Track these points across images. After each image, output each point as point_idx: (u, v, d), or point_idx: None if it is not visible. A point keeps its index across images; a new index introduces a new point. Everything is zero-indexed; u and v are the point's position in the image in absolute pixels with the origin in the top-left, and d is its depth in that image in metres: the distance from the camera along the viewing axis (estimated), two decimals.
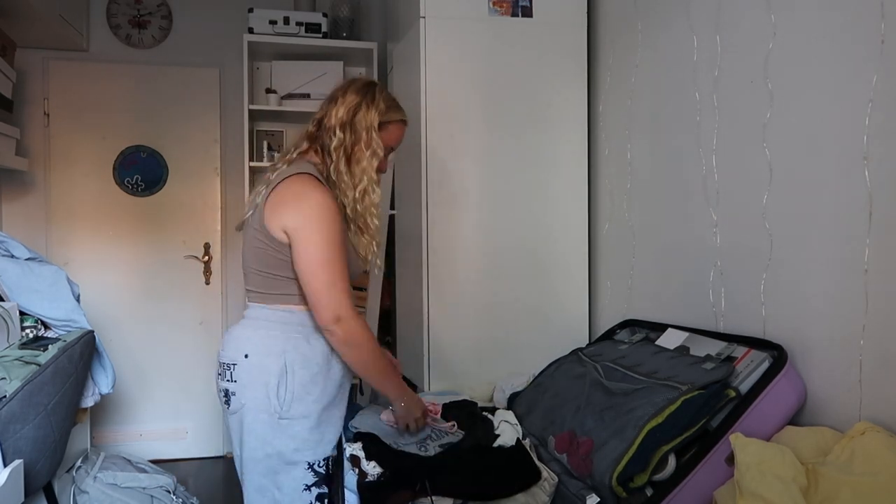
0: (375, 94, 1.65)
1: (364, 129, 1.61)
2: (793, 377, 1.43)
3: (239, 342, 1.59)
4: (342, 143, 1.60)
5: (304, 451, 1.55)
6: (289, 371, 1.54)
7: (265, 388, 1.54)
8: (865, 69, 1.31)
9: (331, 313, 1.50)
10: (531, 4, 2.38)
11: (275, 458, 1.55)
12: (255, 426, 1.56)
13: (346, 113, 1.61)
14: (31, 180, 3.54)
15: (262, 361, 1.55)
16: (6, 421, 1.81)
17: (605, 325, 2.31)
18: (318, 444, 1.57)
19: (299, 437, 1.55)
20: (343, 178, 1.60)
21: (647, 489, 1.37)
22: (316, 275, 1.50)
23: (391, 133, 1.68)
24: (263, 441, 1.55)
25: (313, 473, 1.57)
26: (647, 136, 2.15)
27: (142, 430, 3.67)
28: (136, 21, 3.67)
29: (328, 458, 1.59)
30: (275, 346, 1.56)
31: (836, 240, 1.39)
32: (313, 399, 1.56)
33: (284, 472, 1.56)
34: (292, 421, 1.54)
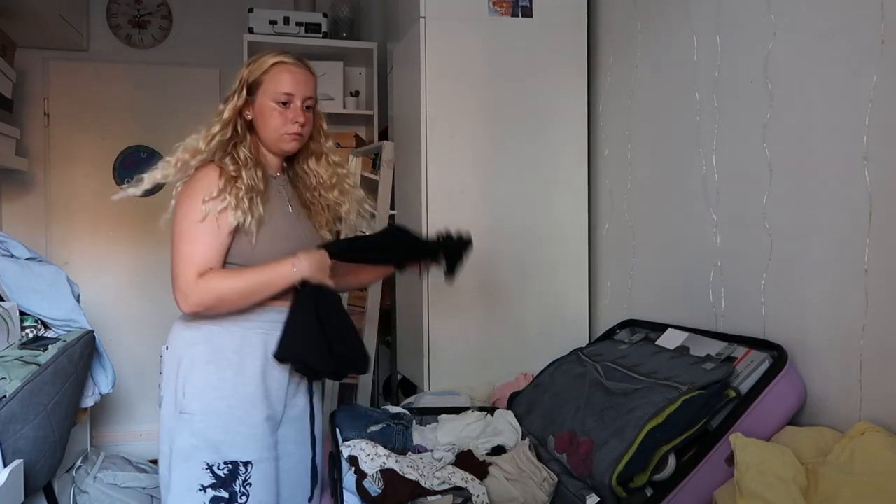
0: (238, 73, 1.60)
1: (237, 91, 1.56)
2: (793, 377, 1.43)
3: (169, 335, 1.58)
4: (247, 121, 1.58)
5: (203, 449, 1.46)
6: (195, 363, 1.50)
7: (174, 381, 1.51)
8: (865, 69, 1.30)
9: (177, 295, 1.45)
10: (531, 4, 2.38)
11: (175, 452, 1.49)
12: (165, 419, 1.53)
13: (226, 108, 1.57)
14: (31, 180, 3.54)
15: (176, 353, 1.53)
16: (6, 421, 1.81)
17: (605, 325, 2.31)
18: (222, 444, 1.47)
19: (199, 434, 1.47)
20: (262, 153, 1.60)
21: (647, 489, 1.37)
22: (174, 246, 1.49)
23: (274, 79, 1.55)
24: (169, 435, 1.51)
25: (211, 474, 1.46)
26: (647, 136, 2.15)
27: (142, 430, 3.66)
28: (136, 21, 3.67)
29: (234, 461, 1.47)
30: (188, 337, 1.52)
31: (836, 240, 1.39)
32: (218, 395, 1.48)
33: (179, 469, 1.48)
34: (193, 416, 1.47)
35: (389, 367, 3.40)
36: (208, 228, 1.47)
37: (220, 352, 1.50)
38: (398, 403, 2.36)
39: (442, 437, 1.80)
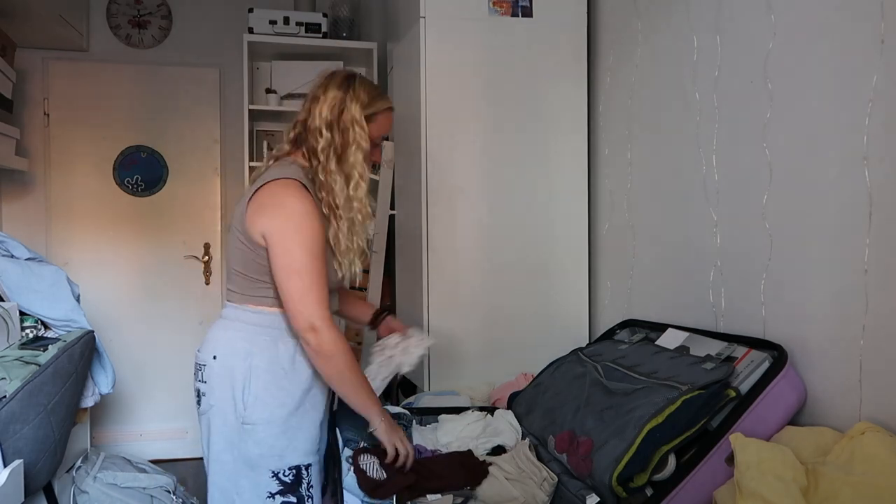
0: (356, 86, 1.58)
1: (350, 125, 1.55)
2: (793, 377, 1.43)
3: (210, 343, 1.57)
4: (330, 143, 1.55)
5: (268, 457, 1.50)
6: (253, 374, 1.51)
7: (231, 391, 1.51)
8: (865, 69, 1.30)
9: (304, 322, 1.46)
10: (531, 4, 2.38)
11: (240, 461, 1.51)
12: (222, 428, 1.53)
13: (329, 111, 1.55)
14: (31, 180, 3.54)
15: (228, 363, 1.52)
16: (6, 421, 1.81)
17: (605, 325, 2.31)
18: (285, 451, 1.51)
19: (264, 444, 1.50)
20: (334, 178, 1.54)
21: (647, 489, 1.37)
22: (292, 281, 1.46)
23: (379, 123, 1.61)
24: (230, 444, 1.52)
25: (278, 482, 1.51)
26: (647, 136, 2.15)
27: (142, 430, 3.67)
28: (136, 21, 3.67)
29: (297, 466, 1.53)
30: (241, 347, 1.53)
31: (836, 240, 1.39)
32: (278, 404, 1.51)
33: (246, 478, 1.51)
34: (255, 426, 1.50)
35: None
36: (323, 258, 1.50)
37: (276, 362, 1.53)
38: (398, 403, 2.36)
39: (442, 437, 1.80)
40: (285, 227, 1.47)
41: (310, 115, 1.58)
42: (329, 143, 1.55)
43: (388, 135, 3.18)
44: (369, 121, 1.58)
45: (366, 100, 1.57)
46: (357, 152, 1.56)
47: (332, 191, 1.54)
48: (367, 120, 1.57)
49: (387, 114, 1.63)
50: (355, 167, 1.56)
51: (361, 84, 1.60)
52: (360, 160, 1.56)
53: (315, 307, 1.45)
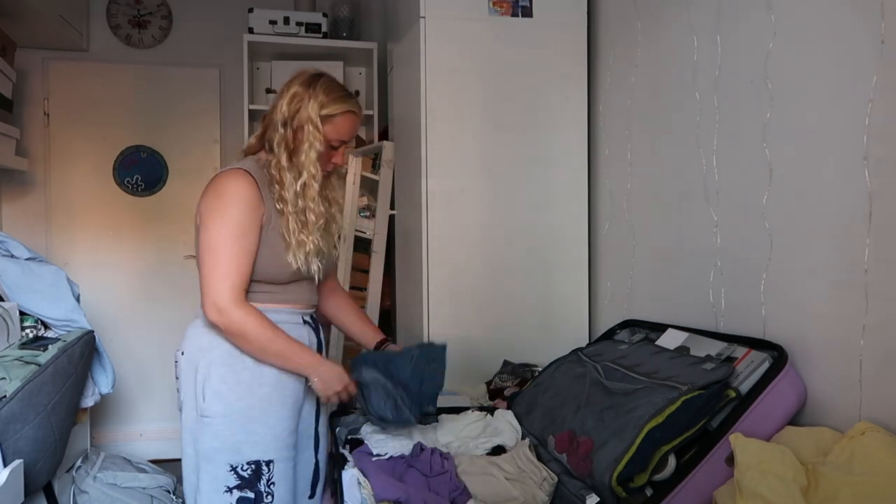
0: (317, 86, 1.56)
1: (304, 123, 1.54)
2: (793, 378, 1.43)
3: (183, 340, 1.60)
4: (283, 138, 1.55)
5: (225, 451, 1.49)
6: (212, 367, 1.51)
7: (193, 385, 1.52)
8: (865, 69, 1.30)
9: (210, 303, 1.45)
10: (531, 4, 2.38)
11: (199, 455, 1.52)
12: (186, 423, 1.54)
13: (287, 107, 1.55)
14: (31, 180, 3.54)
15: (192, 357, 1.54)
16: (6, 421, 1.81)
17: (605, 325, 2.31)
18: (243, 445, 1.50)
19: (220, 436, 1.49)
20: (285, 174, 1.54)
21: (647, 489, 1.37)
22: (204, 260, 1.47)
23: (337, 125, 1.57)
24: (192, 438, 1.53)
25: (235, 476, 1.50)
26: (647, 136, 2.15)
27: (142, 430, 3.67)
28: (136, 21, 3.67)
29: (257, 461, 1.51)
30: (205, 342, 1.53)
31: (836, 240, 1.39)
32: (236, 397, 1.50)
33: (204, 471, 1.51)
34: (213, 419, 1.49)
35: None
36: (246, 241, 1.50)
37: (237, 355, 1.51)
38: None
39: (442, 437, 1.80)
40: (212, 208, 1.50)
41: (273, 110, 1.58)
42: (283, 138, 1.55)
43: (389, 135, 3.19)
44: (326, 122, 1.55)
45: (324, 100, 1.55)
46: (310, 151, 1.54)
47: (283, 184, 1.54)
48: (324, 121, 1.55)
49: (347, 117, 1.59)
50: (306, 166, 1.54)
51: (324, 84, 1.57)
52: (311, 160, 1.54)
53: (221, 286, 1.45)
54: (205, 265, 1.48)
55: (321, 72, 1.63)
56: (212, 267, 1.47)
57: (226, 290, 1.45)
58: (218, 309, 1.45)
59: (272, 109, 1.59)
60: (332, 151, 1.60)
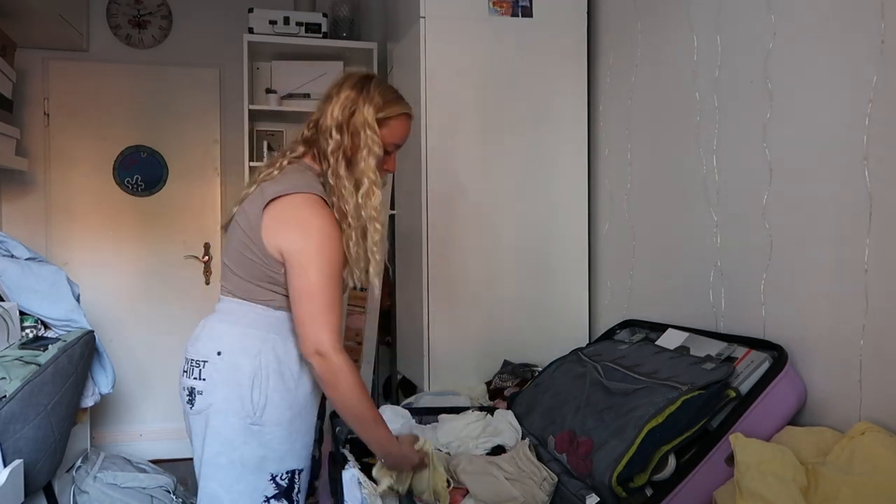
0: (371, 88, 1.51)
1: (361, 128, 1.48)
2: (793, 378, 1.43)
3: (213, 339, 1.49)
4: (339, 145, 1.48)
5: (270, 460, 1.46)
6: (264, 373, 1.44)
7: (238, 390, 1.43)
8: (865, 69, 1.30)
9: (311, 346, 1.40)
10: (531, 4, 2.38)
11: (238, 465, 1.44)
12: (221, 430, 1.44)
13: (341, 112, 1.48)
14: (31, 180, 3.54)
15: (236, 360, 1.45)
16: (6, 421, 1.81)
17: (605, 325, 2.31)
18: (286, 454, 1.47)
19: (269, 446, 1.45)
20: (343, 183, 1.47)
21: (647, 489, 1.37)
22: (303, 304, 1.41)
23: (393, 129, 1.53)
24: (229, 446, 1.44)
25: (275, 485, 1.46)
26: (647, 136, 2.15)
27: (142, 430, 3.67)
28: (136, 21, 3.67)
29: (293, 470, 1.48)
30: (251, 345, 1.46)
31: (836, 240, 1.39)
32: (287, 406, 1.46)
33: (244, 481, 1.45)
34: (264, 428, 1.44)
35: (389, 368, 3.40)
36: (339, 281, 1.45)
37: (284, 363, 1.47)
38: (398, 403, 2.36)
39: (442, 437, 1.80)
40: (305, 249, 1.41)
41: (322, 115, 1.52)
42: (339, 145, 1.48)
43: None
44: (382, 125, 1.51)
45: (380, 102, 1.50)
46: (369, 157, 1.48)
47: (342, 196, 1.47)
48: (380, 124, 1.50)
49: (402, 119, 1.55)
50: (366, 173, 1.48)
51: (377, 86, 1.53)
52: (371, 166, 1.49)
53: (323, 332, 1.40)
54: (305, 310, 1.41)
55: (371, 73, 1.58)
56: (313, 314, 1.41)
57: (327, 337, 1.40)
58: (320, 353, 1.40)
59: (321, 115, 1.52)
60: (385, 157, 1.55)
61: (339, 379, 1.41)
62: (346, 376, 1.42)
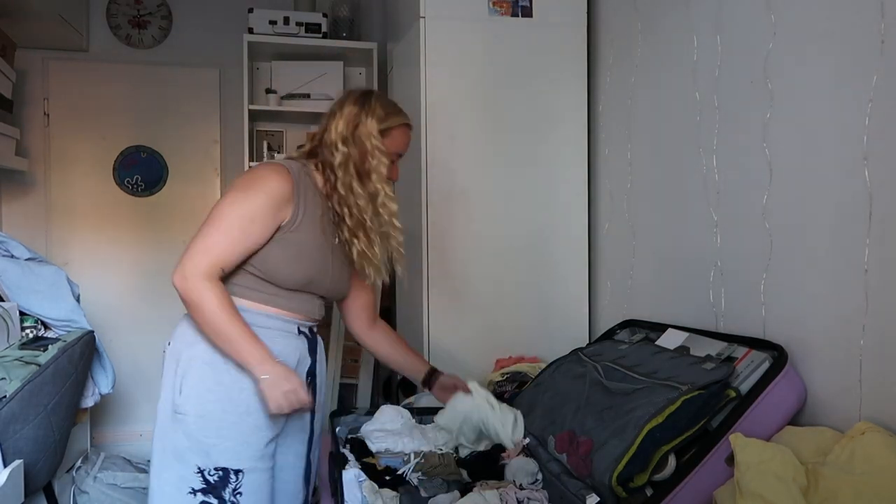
0: (372, 101, 1.59)
1: (367, 139, 1.55)
2: (793, 378, 1.43)
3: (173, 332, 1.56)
4: (347, 157, 1.54)
5: (194, 452, 1.44)
6: (192, 363, 1.47)
7: (172, 378, 1.49)
8: (865, 69, 1.30)
9: (180, 267, 1.41)
10: (531, 4, 2.38)
11: (168, 452, 1.47)
12: (159, 416, 1.51)
13: (345, 126, 1.55)
14: (31, 180, 3.54)
15: (175, 349, 1.51)
16: (6, 421, 1.81)
17: (605, 325, 2.31)
18: (212, 449, 1.44)
19: (193, 437, 1.44)
20: (358, 193, 1.54)
21: (647, 489, 1.37)
22: (206, 223, 1.44)
23: (395, 139, 1.61)
24: (162, 433, 1.49)
25: (202, 479, 1.44)
26: (647, 136, 2.15)
27: (142, 430, 3.66)
28: (136, 21, 3.67)
29: (225, 469, 1.44)
30: (190, 335, 1.49)
31: (836, 240, 1.39)
32: (213, 398, 1.45)
33: (171, 469, 1.46)
34: (186, 417, 1.45)
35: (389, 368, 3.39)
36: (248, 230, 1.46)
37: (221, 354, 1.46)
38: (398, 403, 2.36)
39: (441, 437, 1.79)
40: (236, 187, 1.48)
41: (326, 130, 1.57)
42: (346, 157, 1.54)
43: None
44: (385, 135, 1.58)
45: (381, 114, 1.58)
46: (379, 167, 1.55)
47: (357, 207, 1.54)
48: (383, 135, 1.57)
49: (402, 129, 1.63)
50: (377, 183, 1.56)
51: (378, 99, 1.60)
52: (382, 175, 1.56)
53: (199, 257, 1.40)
54: (199, 233, 1.44)
55: (371, 89, 1.66)
56: (202, 236, 1.43)
57: (202, 261, 1.41)
58: (184, 275, 1.40)
59: (325, 130, 1.58)
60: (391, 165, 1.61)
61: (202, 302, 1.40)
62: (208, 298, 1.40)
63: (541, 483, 1.60)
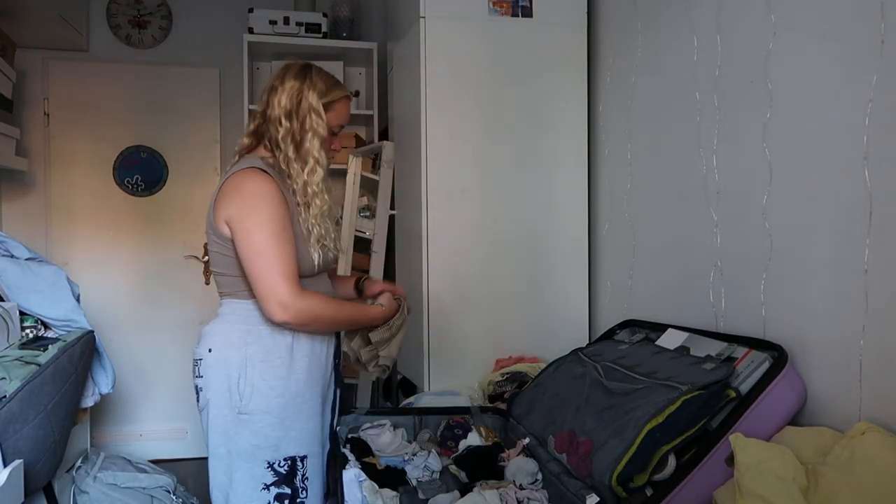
0: (313, 75, 1.62)
1: (307, 113, 1.58)
2: (793, 378, 1.43)
3: (206, 337, 1.59)
4: (289, 131, 1.58)
5: (263, 448, 1.52)
6: (249, 364, 1.52)
7: (227, 382, 1.53)
8: (865, 69, 1.30)
9: (272, 303, 1.46)
10: (531, 4, 2.38)
11: (234, 454, 1.53)
12: (217, 422, 1.54)
13: (288, 100, 1.58)
14: (31, 180, 3.54)
15: (223, 355, 1.54)
16: (6, 421, 1.81)
17: (605, 325, 2.31)
18: (281, 441, 1.53)
19: (260, 434, 1.52)
20: (293, 166, 1.58)
21: (647, 489, 1.37)
22: (253, 264, 1.47)
23: (337, 112, 1.65)
24: (225, 437, 1.53)
25: (273, 472, 1.52)
26: (647, 136, 2.15)
27: (142, 430, 3.67)
28: (136, 21, 3.67)
29: (293, 457, 1.55)
30: (237, 339, 1.54)
31: (836, 240, 1.39)
32: (276, 394, 1.53)
33: (241, 470, 1.52)
34: (252, 416, 1.51)
35: None
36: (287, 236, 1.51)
37: (273, 350, 1.54)
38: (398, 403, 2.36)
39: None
40: (242, 209, 1.50)
41: (268, 106, 1.61)
42: (288, 131, 1.58)
43: (389, 135, 3.19)
44: (327, 109, 1.61)
45: (323, 88, 1.61)
46: (314, 139, 1.58)
47: (292, 177, 1.58)
48: (325, 108, 1.61)
49: (344, 102, 1.66)
50: (311, 153, 1.58)
51: (318, 74, 1.64)
52: (316, 146, 1.59)
53: (279, 286, 1.45)
54: (256, 268, 1.47)
55: (308, 63, 1.68)
56: (264, 269, 1.46)
57: (284, 286, 1.46)
58: (283, 306, 1.45)
59: (267, 105, 1.61)
60: (331, 138, 1.65)
61: (314, 314, 1.51)
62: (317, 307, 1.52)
63: (541, 483, 1.60)
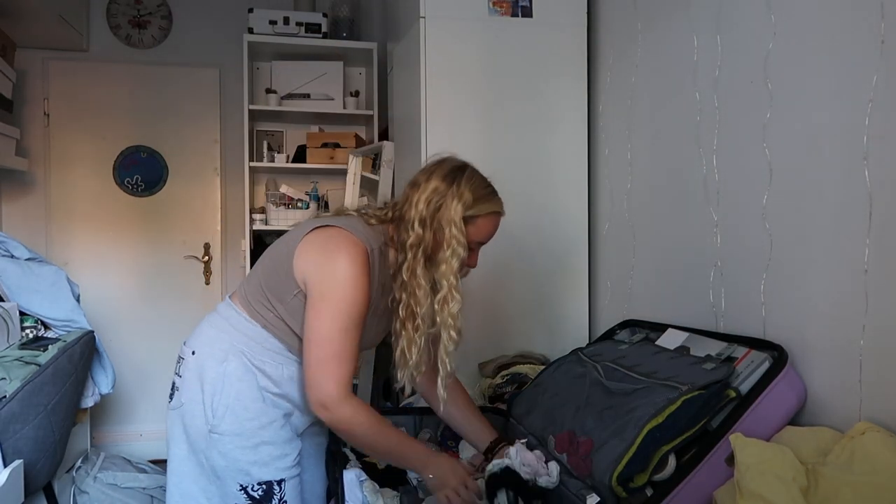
0: (462, 181, 1.41)
1: (446, 225, 1.38)
2: (793, 378, 1.43)
3: (195, 336, 1.50)
4: (420, 240, 1.38)
5: (233, 471, 1.40)
6: (227, 382, 1.40)
7: (201, 394, 1.41)
8: (865, 69, 1.30)
9: (315, 397, 1.35)
10: (531, 4, 2.38)
11: (208, 469, 1.43)
12: (189, 430, 1.43)
13: (426, 205, 1.39)
14: (31, 180, 3.54)
15: (203, 362, 1.43)
16: (6, 421, 1.81)
17: (605, 325, 2.31)
18: (252, 466, 1.40)
19: (229, 457, 1.40)
20: (419, 283, 1.39)
21: (647, 489, 1.37)
22: (312, 348, 1.35)
23: (480, 227, 1.44)
24: (195, 449, 1.43)
25: (246, 496, 1.41)
26: (647, 136, 2.15)
27: (142, 430, 3.67)
28: (136, 21, 3.67)
29: (268, 482, 1.41)
30: (219, 350, 1.43)
31: (836, 240, 1.39)
32: (249, 416, 1.40)
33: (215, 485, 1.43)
34: (223, 437, 1.39)
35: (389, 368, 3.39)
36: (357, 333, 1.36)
37: (252, 370, 1.43)
38: (398, 403, 2.36)
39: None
40: (327, 283, 1.34)
41: (407, 203, 1.43)
42: (419, 240, 1.38)
43: (389, 135, 3.19)
44: (469, 223, 1.41)
45: (469, 199, 1.41)
46: (452, 259, 1.38)
47: (414, 296, 1.40)
48: (467, 222, 1.41)
49: (491, 218, 1.46)
50: (446, 276, 1.39)
51: (469, 180, 1.43)
52: (453, 268, 1.39)
53: (328, 382, 1.33)
54: (312, 354, 1.35)
55: (465, 163, 1.49)
56: (319, 361, 1.34)
57: (332, 388, 1.33)
58: (323, 406, 1.34)
59: (406, 202, 1.43)
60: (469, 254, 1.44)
61: (351, 428, 1.36)
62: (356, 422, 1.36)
63: None
